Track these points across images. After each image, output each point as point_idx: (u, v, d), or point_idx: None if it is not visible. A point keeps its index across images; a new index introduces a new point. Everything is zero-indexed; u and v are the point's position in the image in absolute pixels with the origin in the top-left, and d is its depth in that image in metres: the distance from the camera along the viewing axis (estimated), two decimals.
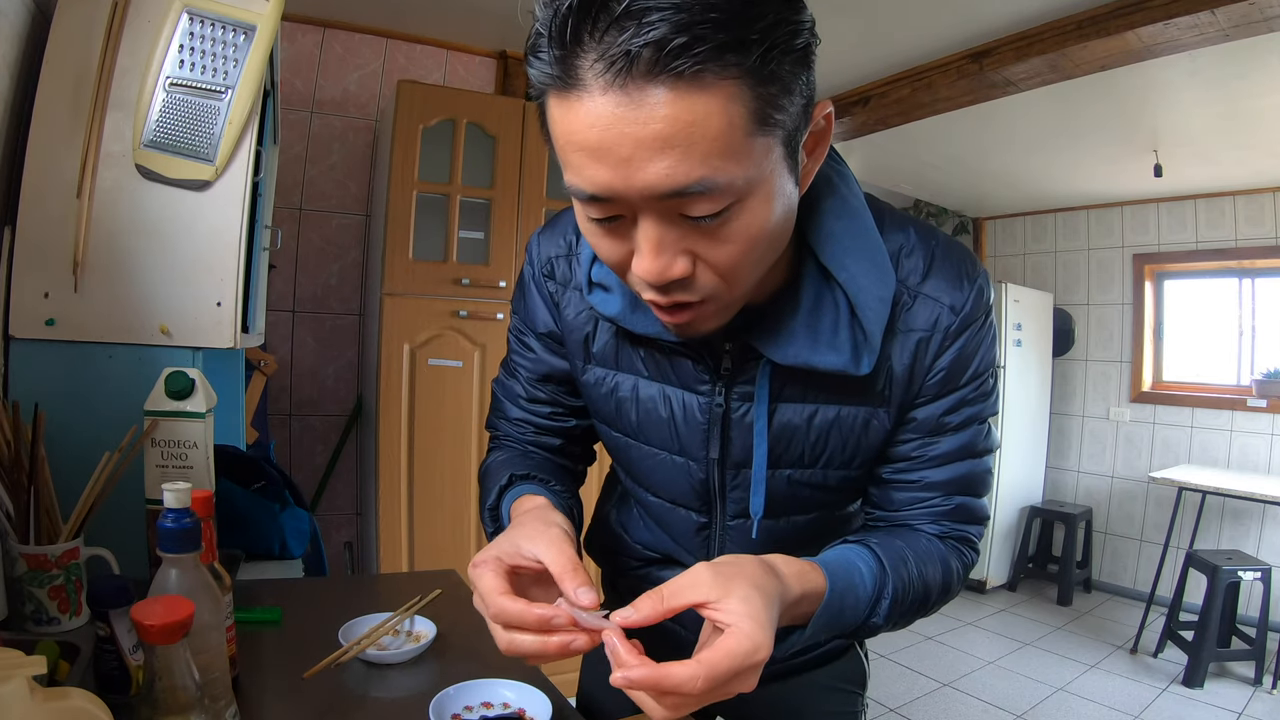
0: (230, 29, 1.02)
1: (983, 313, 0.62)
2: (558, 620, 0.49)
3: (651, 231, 0.48)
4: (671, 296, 0.51)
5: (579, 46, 0.42)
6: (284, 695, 0.72)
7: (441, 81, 2.57)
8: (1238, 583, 2.96)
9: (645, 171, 0.44)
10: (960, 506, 0.66)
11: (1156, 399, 4.02)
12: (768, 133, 0.45)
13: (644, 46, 0.40)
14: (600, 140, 0.43)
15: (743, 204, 0.47)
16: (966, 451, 0.65)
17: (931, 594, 0.64)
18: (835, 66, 2.62)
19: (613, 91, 0.42)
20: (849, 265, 0.58)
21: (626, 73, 0.41)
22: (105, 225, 0.99)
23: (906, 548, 0.63)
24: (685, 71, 0.40)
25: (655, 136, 0.42)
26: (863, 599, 0.58)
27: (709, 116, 0.42)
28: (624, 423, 0.71)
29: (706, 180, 0.44)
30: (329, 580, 1.55)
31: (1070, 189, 4.00)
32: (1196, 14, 1.82)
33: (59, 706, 0.46)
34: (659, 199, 0.45)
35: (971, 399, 0.64)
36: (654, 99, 0.41)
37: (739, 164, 0.45)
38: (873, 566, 0.59)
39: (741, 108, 0.43)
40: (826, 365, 0.58)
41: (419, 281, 2.13)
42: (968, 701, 2.74)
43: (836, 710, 0.84)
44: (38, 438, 0.82)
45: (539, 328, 0.75)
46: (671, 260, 0.49)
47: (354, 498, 2.55)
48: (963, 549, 0.68)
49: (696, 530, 0.74)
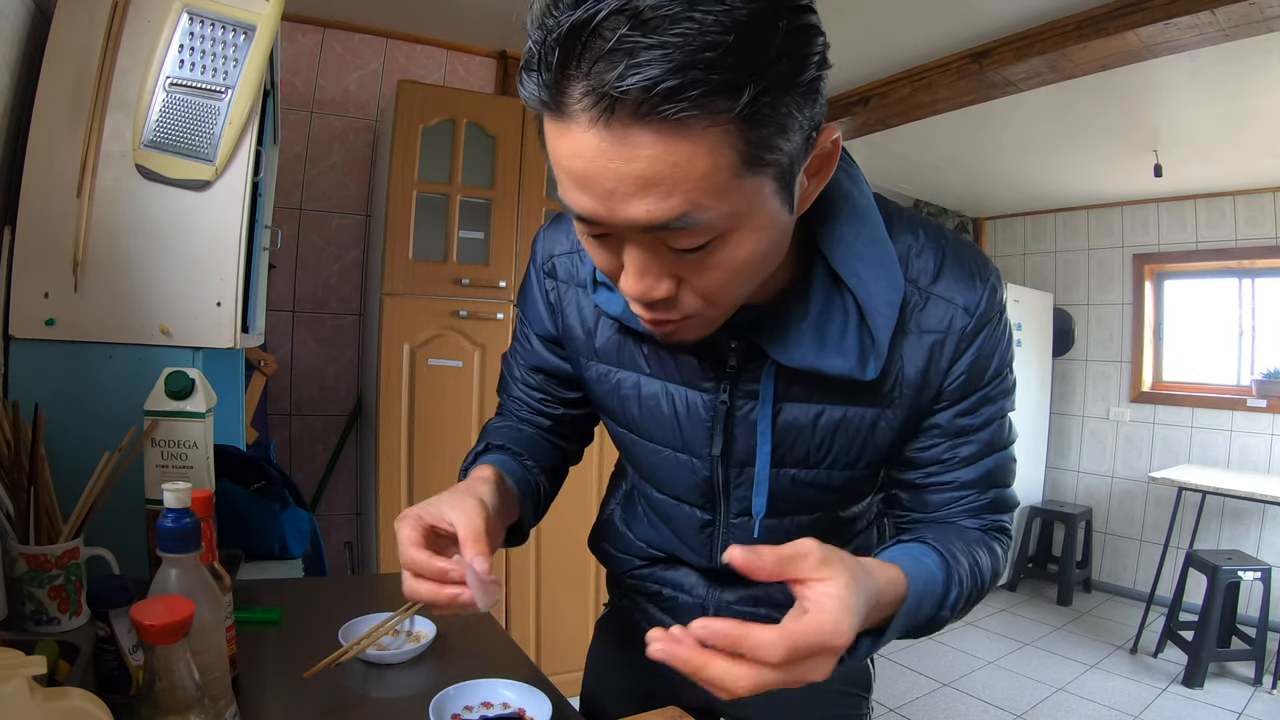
0: (230, 29, 1.02)
1: (997, 311, 0.62)
2: (453, 574, 0.54)
3: (636, 257, 0.48)
4: (654, 314, 0.52)
5: (566, 76, 0.41)
6: (284, 695, 0.72)
7: (441, 81, 2.57)
8: (1238, 583, 2.96)
9: (627, 206, 0.44)
10: (995, 500, 0.67)
11: (1156, 399, 4.02)
12: (758, 173, 0.45)
13: (630, 89, 0.39)
14: (585, 171, 0.43)
15: (727, 238, 0.47)
16: (993, 447, 0.66)
17: (986, 579, 0.64)
18: (835, 66, 2.60)
19: (597, 127, 0.41)
20: (859, 270, 0.58)
21: (611, 112, 0.40)
22: (105, 225, 0.99)
23: (958, 539, 0.63)
24: (670, 117, 0.40)
25: (638, 175, 0.42)
26: (937, 594, 0.58)
27: (693, 160, 0.41)
28: (627, 418, 0.72)
29: (689, 217, 0.44)
30: (329, 580, 1.55)
31: (1070, 189, 4.00)
32: (1196, 14, 1.82)
33: (59, 706, 0.46)
34: (641, 231, 0.45)
35: (994, 396, 0.64)
36: (638, 140, 0.41)
37: (724, 202, 0.44)
38: (937, 562, 0.59)
39: (730, 150, 0.42)
40: (833, 370, 0.58)
41: (419, 281, 2.13)
42: (968, 701, 2.74)
43: (841, 714, 0.84)
44: (38, 438, 0.82)
45: (535, 327, 0.76)
46: (655, 283, 0.49)
47: (354, 498, 2.55)
48: (1001, 536, 0.68)
49: (700, 527, 0.74)
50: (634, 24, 0.38)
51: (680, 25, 0.38)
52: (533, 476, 0.75)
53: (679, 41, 0.38)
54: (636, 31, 0.38)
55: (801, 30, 0.43)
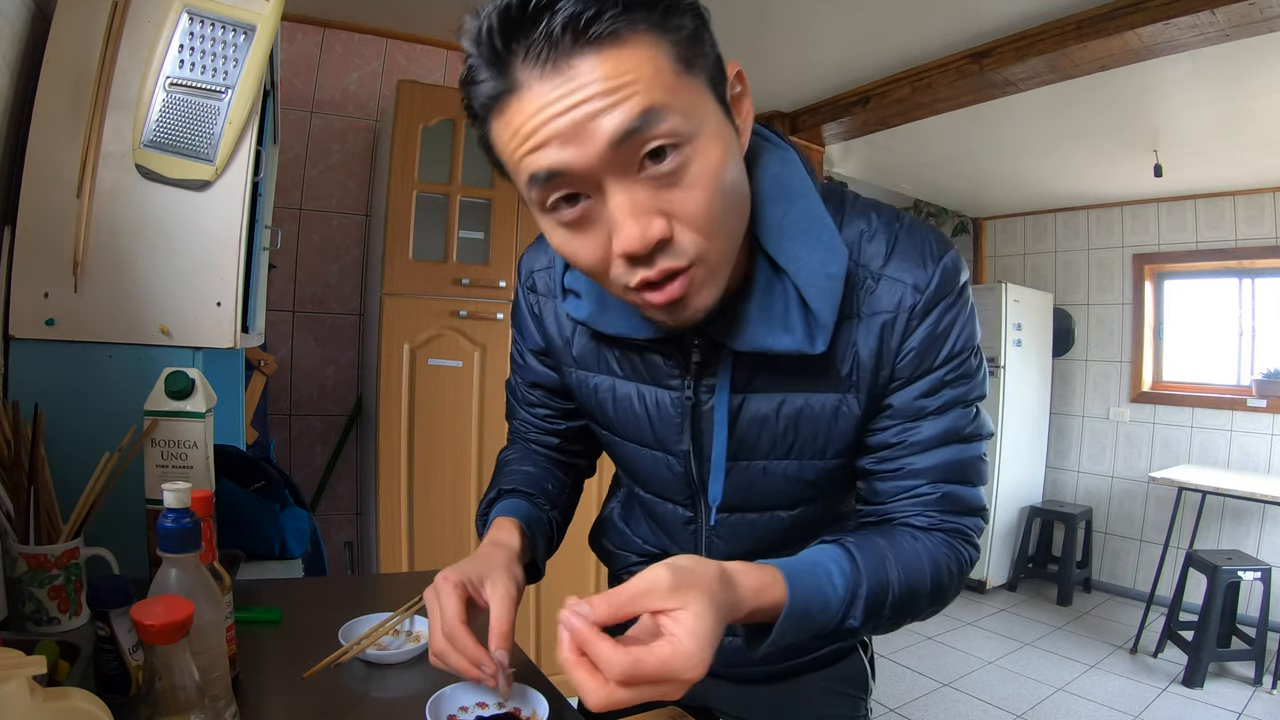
0: (230, 29, 1.02)
1: (952, 290, 0.60)
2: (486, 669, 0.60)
3: (622, 198, 0.50)
4: (659, 266, 0.51)
5: (509, 54, 0.47)
6: (284, 695, 0.72)
7: (441, 81, 2.57)
8: (1238, 583, 2.96)
9: (596, 131, 0.47)
10: (948, 495, 0.63)
11: (1156, 399, 4.02)
12: (694, 73, 0.50)
13: (561, 27, 0.45)
14: (550, 120, 0.47)
15: (694, 145, 0.50)
16: (951, 436, 0.63)
17: (920, 596, 0.61)
18: (835, 66, 2.62)
19: (548, 75, 0.46)
20: (789, 248, 0.59)
21: (553, 54, 0.46)
22: (105, 225, 0.99)
23: (888, 547, 0.60)
24: (603, 34, 0.45)
25: (595, 95, 0.46)
26: (834, 604, 0.56)
27: (638, 65, 0.47)
28: (606, 420, 0.74)
29: (652, 109, 0.47)
30: (329, 580, 1.55)
31: (1070, 189, 4.00)
32: (1196, 14, 1.82)
33: (59, 706, 0.46)
34: (615, 148, 0.47)
35: (951, 380, 0.62)
36: (583, 66, 0.46)
37: (676, 98, 0.48)
38: (846, 569, 0.57)
39: (663, 52, 0.48)
40: (781, 347, 0.58)
41: (419, 281, 2.13)
42: (968, 701, 2.74)
43: (837, 714, 0.84)
44: (38, 438, 0.82)
45: (528, 342, 0.79)
46: (649, 221, 0.50)
47: (354, 498, 2.55)
48: (956, 543, 0.64)
49: (684, 524, 0.75)
50: None
51: None
52: (545, 515, 0.79)
53: None
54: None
55: None
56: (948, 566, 0.63)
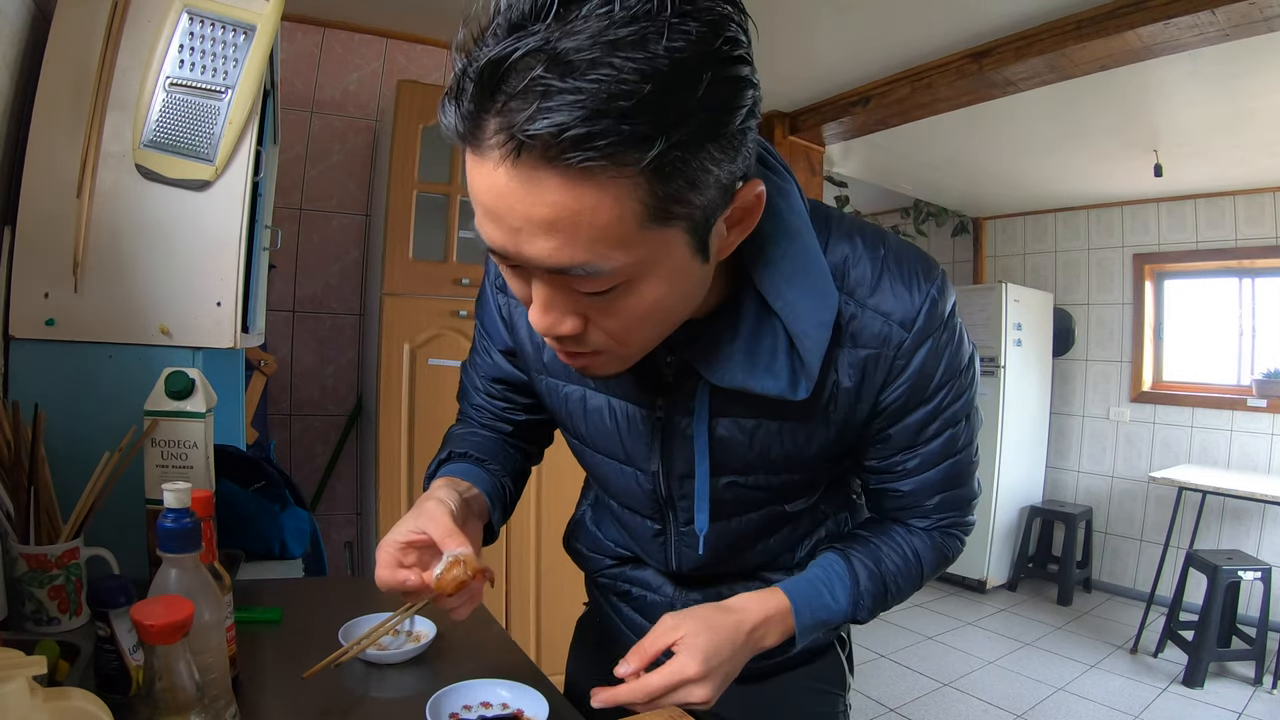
0: (230, 29, 1.02)
1: (939, 324, 0.59)
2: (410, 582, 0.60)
3: (542, 293, 0.48)
4: (564, 346, 0.53)
5: (482, 111, 0.41)
6: (284, 695, 0.72)
7: (441, 81, 2.57)
8: (1238, 583, 2.96)
9: (532, 245, 0.43)
10: (946, 500, 0.69)
11: (1156, 399, 4.02)
12: (667, 225, 0.44)
13: (538, 133, 0.38)
14: (494, 206, 0.43)
15: (632, 284, 0.47)
16: (947, 454, 0.66)
17: (922, 571, 0.71)
18: (835, 66, 2.62)
19: (505, 165, 0.41)
20: (785, 293, 0.56)
21: (518, 153, 0.40)
22: (105, 225, 0.99)
23: (889, 544, 0.71)
24: (575, 165, 0.39)
25: (542, 219, 0.42)
26: (838, 607, 0.68)
27: (597, 209, 0.41)
28: (576, 430, 0.74)
29: (589, 265, 0.43)
30: (329, 580, 1.55)
31: (1070, 189, 4.00)
32: (1196, 14, 1.82)
33: (59, 706, 0.46)
34: (545, 271, 0.46)
35: (946, 404, 0.63)
36: (544, 183, 0.40)
37: (627, 252, 0.44)
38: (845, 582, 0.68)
39: (637, 202, 0.42)
40: (763, 390, 0.57)
41: (419, 281, 2.13)
42: (968, 701, 2.74)
43: (815, 711, 0.84)
44: (38, 438, 0.82)
45: (495, 342, 0.78)
46: (560, 319, 0.49)
47: (354, 498, 2.55)
48: (953, 531, 0.72)
49: (653, 536, 0.76)
50: (550, 65, 0.38)
51: (597, 71, 0.37)
52: (497, 479, 0.77)
53: (593, 89, 0.37)
54: (552, 74, 0.38)
55: (728, 82, 0.42)
56: (946, 547, 0.73)
